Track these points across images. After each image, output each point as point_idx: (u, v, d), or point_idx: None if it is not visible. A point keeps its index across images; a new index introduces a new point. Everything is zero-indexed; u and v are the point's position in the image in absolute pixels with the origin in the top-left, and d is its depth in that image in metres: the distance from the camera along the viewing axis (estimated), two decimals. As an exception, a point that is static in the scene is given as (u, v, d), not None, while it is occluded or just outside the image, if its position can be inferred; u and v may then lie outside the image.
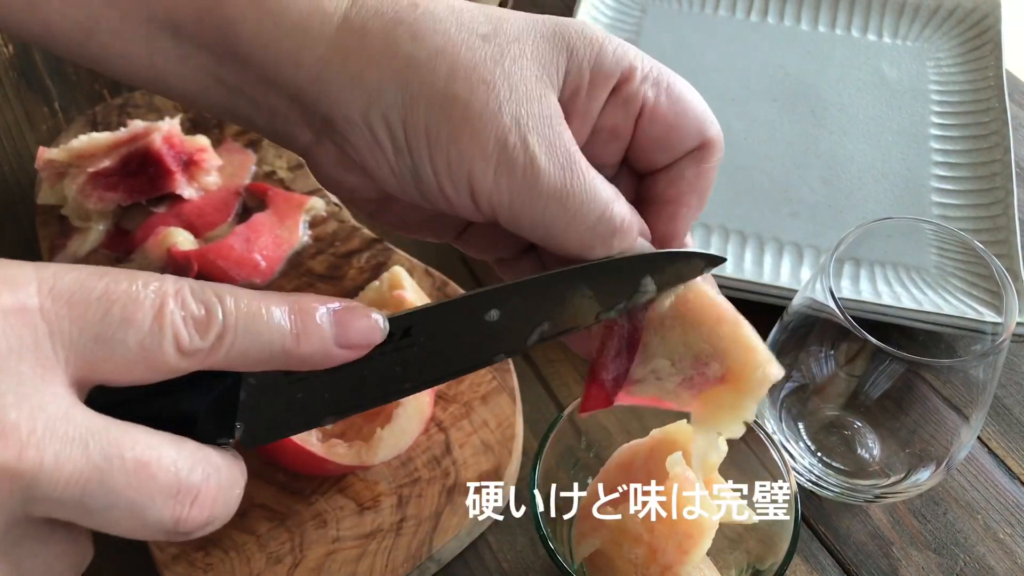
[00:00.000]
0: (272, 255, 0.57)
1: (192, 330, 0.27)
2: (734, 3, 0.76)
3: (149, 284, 0.27)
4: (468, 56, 0.32)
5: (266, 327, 0.28)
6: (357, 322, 0.30)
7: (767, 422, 0.50)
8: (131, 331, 0.26)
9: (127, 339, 0.26)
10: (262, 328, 0.28)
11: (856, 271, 0.58)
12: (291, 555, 0.45)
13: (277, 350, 0.28)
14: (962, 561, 0.49)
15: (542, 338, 0.33)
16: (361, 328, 0.30)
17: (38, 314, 0.25)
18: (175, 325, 0.26)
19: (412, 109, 0.32)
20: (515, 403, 0.51)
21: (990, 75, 0.69)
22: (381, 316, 0.31)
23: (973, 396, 0.44)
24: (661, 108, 0.34)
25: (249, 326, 0.28)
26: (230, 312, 0.28)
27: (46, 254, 0.58)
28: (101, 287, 0.26)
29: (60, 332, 0.25)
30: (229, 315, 0.27)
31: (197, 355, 0.27)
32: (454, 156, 0.32)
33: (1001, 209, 0.60)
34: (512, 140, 0.32)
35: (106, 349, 0.26)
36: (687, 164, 0.36)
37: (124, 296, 0.26)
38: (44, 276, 0.26)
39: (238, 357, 0.28)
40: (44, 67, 0.72)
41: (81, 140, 0.59)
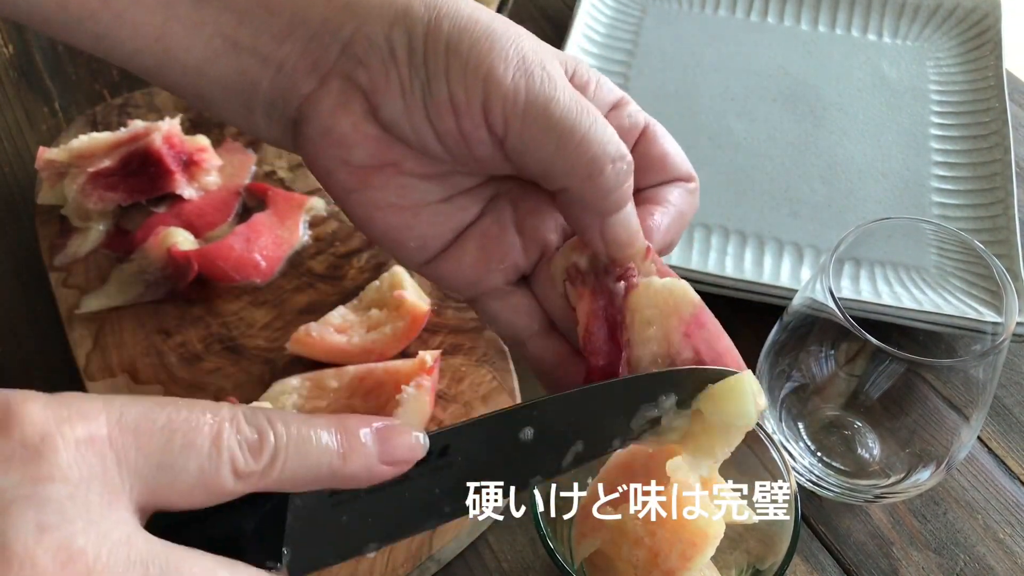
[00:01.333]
0: (272, 255, 0.57)
1: (247, 454, 0.28)
2: (734, 3, 0.76)
3: (207, 412, 0.28)
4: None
5: (315, 448, 0.30)
6: (399, 439, 0.32)
7: (767, 422, 0.50)
8: (191, 457, 0.27)
9: (188, 465, 0.27)
10: (311, 449, 0.30)
11: (856, 271, 0.58)
12: (291, 555, 0.45)
13: (325, 470, 0.30)
14: (962, 561, 0.49)
15: (576, 460, 0.34)
16: (403, 445, 0.32)
17: (107, 443, 0.27)
18: (231, 449, 0.28)
19: (436, 25, 0.33)
20: (515, 403, 0.51)
21: (990, 75, 0.69)
22: (421, 434, 0.32)
23: (973, 396, 0.44)
24: (660, 135, 0.37)
25: (299, 448, 0.29)
26: (281, 435, 0.29)
27: (46, 254, 0.58)
28: (164, 417, 0.28)
29: (127, 461, 0.27)
30: (280, 438, 0.29)
31: (251, 478, 0.29)
32: (473, 60, 0.33)
33: (1001, 209, 0.60)
34: (531, 56, 0.34)
35: (168, 475, 0.27)
36: (675, 186, 0.38)
37: (184, 424, 0.28)
38: (112, 408, 0.27)
39: (289, 478, 0.29)
40: (44, 67, 0.72)
41: (81, 140, 0.59)
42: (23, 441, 0.25)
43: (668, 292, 0.36)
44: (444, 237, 0.38)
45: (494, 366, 0.53)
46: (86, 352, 0.53)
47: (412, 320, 0.52)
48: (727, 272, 0.57)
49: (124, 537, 0.26)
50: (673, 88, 0.69)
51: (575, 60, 0.37)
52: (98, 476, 0.26)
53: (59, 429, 0.26)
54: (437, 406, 0.50)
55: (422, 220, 0.37)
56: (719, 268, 0.58)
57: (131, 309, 0.55)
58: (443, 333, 0.54)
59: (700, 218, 0.61)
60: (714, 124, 0.67)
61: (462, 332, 0.54)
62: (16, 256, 0.61)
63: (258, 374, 0.52)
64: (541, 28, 0.77)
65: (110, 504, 0.26)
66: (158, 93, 0.67)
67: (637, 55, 0.72)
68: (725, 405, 0.35)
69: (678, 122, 0.67)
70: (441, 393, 0.51)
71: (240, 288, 0.56)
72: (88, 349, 0.53)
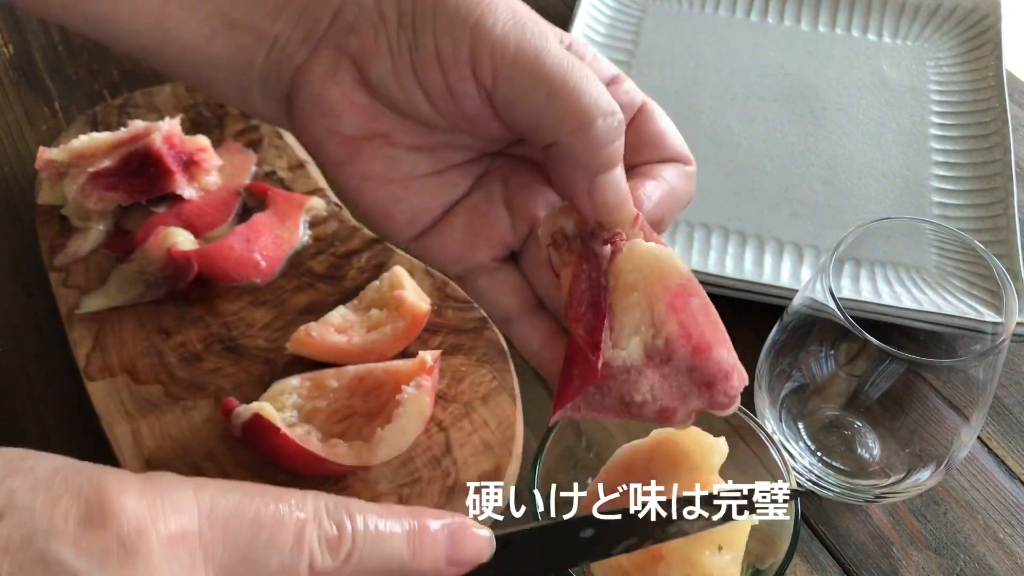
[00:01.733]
0: (272, 255, 0.57)
1: (326, 551, 0.29)
2: (734, 3, 0.76)
3: (294, 506, 0.29)
4: None
5: (389, 546, 0.31)
6: (469, 541, 0.33)
7: (767, 422, 0.50)
8: (274, 554, 0.28)
9: (270, 561, 0.28)
10: (385, 547, 0.31)
11: (856, 271, 0.58)
12: (291, 555, 0.45)
13: (396, 565, 0.31)
14: (962, 561, 0.49)
15: (627, 549, 0.36)
16: (471, 547, 0.33)
17: (196, 539, 0.27)
18: (312, 547, 0.29)
19: None
20: (515, 403, 0.51)
21: (990, 75, 0.69)
22: (490, 535, 0.33)
23: (973, 396, 0.45)
24: (657, 114, 0.37)
25: (375, 545, 0.30)
26: (359, 533, 0.30)
27: (46, 254, 0.58)
28: (252, 511, 0.28)
29: (213, 557, 0.28)
30: (358, 536, 0.30)
31: (326, 573, 0.29)
32: (461, 12, 0.33)
33: (1001, 209, 0.60)
34: (523, 11, 0.34)
35: (250, 569, 0.28)
36: (671, 165, 0.38)
37: (271, 520, 0.28)
38: (203, 500, 0.28)
39: (359, 572, 0.30)
40: (44, 67, 0.72)
41: (81, 140, 0.59)
42: (120, 537, 0.26)
43: (654, 257, 0.34)
44: (433, 212, 0.38)
45: (494, 366, 0.53)
46: (86, 352, 0.53)
47: (412, 320, 0.52)
48: (727, 272, 0.57)
49: None
50: (673, 88, 0.69)
51: (571, 36, 0.37)
52: (187, 571, 0.27)
53: (154, 525, 0.26)
54: (437, 406, 0.50)
55: (412, 193, 0.37)
56: (719, 268, 0.58)
57: (131, 309, 0.55)
58: (443, 333, 0.54)
59: (700, 218, 0.61)
60: (714, 124, 0.67)
61: (462, 332, 0.54)
62: (16, 256, 0.61)
63: (258, 374, 0.52)
64: (541, 28, 0.77)
65: None
66: (158, 93, 0.67)
67: (637, 55, 0.72)
68: None
69: (678, 122, 0.66)
70: (441, 393, 0.51)
71: (240, 288, 0.56)
72: (88, 349, 0.53)
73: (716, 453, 0.41)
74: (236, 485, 0.29)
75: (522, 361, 0.56)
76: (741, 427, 0.43)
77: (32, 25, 0.75)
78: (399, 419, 0.47)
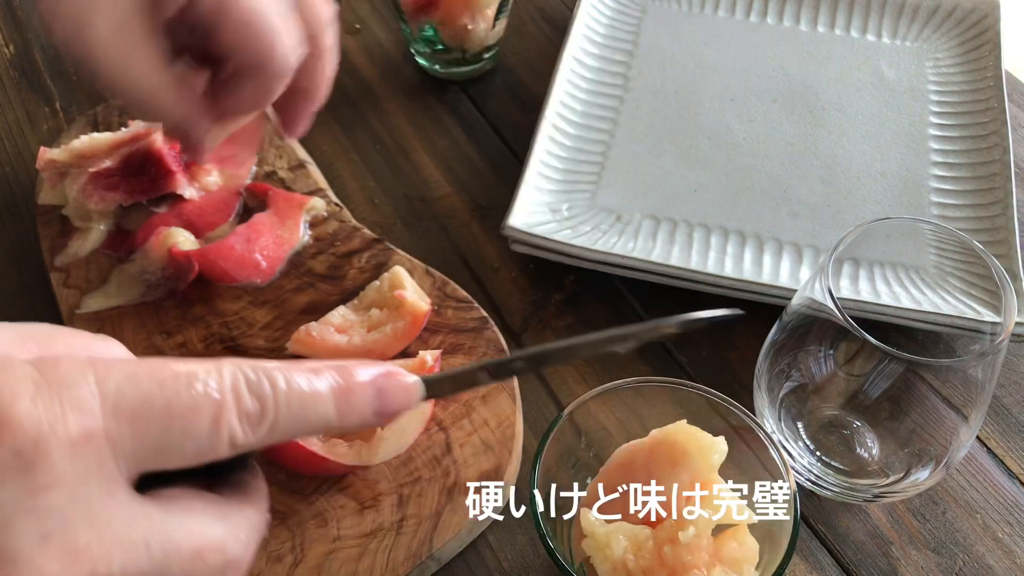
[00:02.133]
0: (273, 255, 0.57)
1: (247, 427, 0.28)
2: (734, 3, 0.76)
3: (209, 385, 0.28)
4: None
5: (314, 410, 0.30)
6: (397, 392, 0.32)
7: (766, 421, 0.50)
8: (189, 439, 0.27)
9: (185, 447, 0.27)
10: (311, 412, 0.30)
11: (855, 271, 0.58)
12: (292, 554, 0.46)
13: (320, 428, 0.30)
14: (961, 560, 0.49)
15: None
16: (400, 397, 0.32)
17: (103, 438, 0.26)
18: (231, 427, 0.28)
19: None
20: (515, 403, 0.51)
21: (989, 75, 0.69)
22: (420, 384, 0.33)
23: (972, 396, 0.45)
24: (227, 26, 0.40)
25: (300, 411, 0.29)
26: (282, 401, 0.29)
27: (47, 254, 0.58)
28: (163, 402, 0.27)
29: (123, 451, 0.26)
30: (282, 404, 0.29)
31: (247, 446, 0.29)
32: None
33: (1000, 209, 0.60)
34: None
35: (164, 456, 0.27)
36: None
37: (185, 409, 0.27)
38: (107, 394, 0.26)
39: (278, 439, 0.29)
40: (45, 67, 0.72)
41: (82, 140, 0.59)
42: (15, 450, 0.24)
43: None
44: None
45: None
46: (87, 352, 0.53)
47: (412, 320, 0.52)
48: (727, 272, 0.58)
49: (123, 519, 0.26)
50: (673, 88, 0.69)
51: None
52: (95, 471, 0.26)
53: (52, 430, 0.25)
54: (437, 405, 0.50)
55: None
56: (719, 268, 0.58)
57: (132, 309, 0.55)
58: (443, 333, 0.54)
59: (700, 218, 0.61)
60: (713, 124, 0.67)
61: (462, 332, 0.54)
62: (17, 256, 0.61)
63: (259, 374, 0.52)
64: (541, 28, 0.77)
65: (108, 492, 0.26)
66: (158, 93, 0.67)
67: (637, 55, 0.72)
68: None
69: (678, 122, 0.67)
70: (441, 393, 0.51)
71: (241, 288, 0.56)
72: (89, 349, 0.53)
73: (715, 452, 0.41)
74: (145, 370, 0.27)
75: (522, 361, 0.56)
76: (740, 427, 0.43)
77: (33, 25, 0.76)
78: (399, 419, 0.47)
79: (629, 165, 0.65)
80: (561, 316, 0.59)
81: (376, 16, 0.78)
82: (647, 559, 0.39)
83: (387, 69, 0.73)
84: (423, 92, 0.72)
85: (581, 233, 0.59)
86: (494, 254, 0.62)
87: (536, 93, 0.71)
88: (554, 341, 0.36)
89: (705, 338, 0.58)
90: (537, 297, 0.60)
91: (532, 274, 0.61)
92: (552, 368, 0.55)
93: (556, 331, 0.58)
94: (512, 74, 0.74)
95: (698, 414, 0.43)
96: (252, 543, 0.30)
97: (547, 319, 0.58)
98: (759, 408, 0.50)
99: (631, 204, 0.62)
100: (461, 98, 0.72)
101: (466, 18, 0.67)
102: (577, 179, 0.63)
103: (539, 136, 0.63)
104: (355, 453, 0.46)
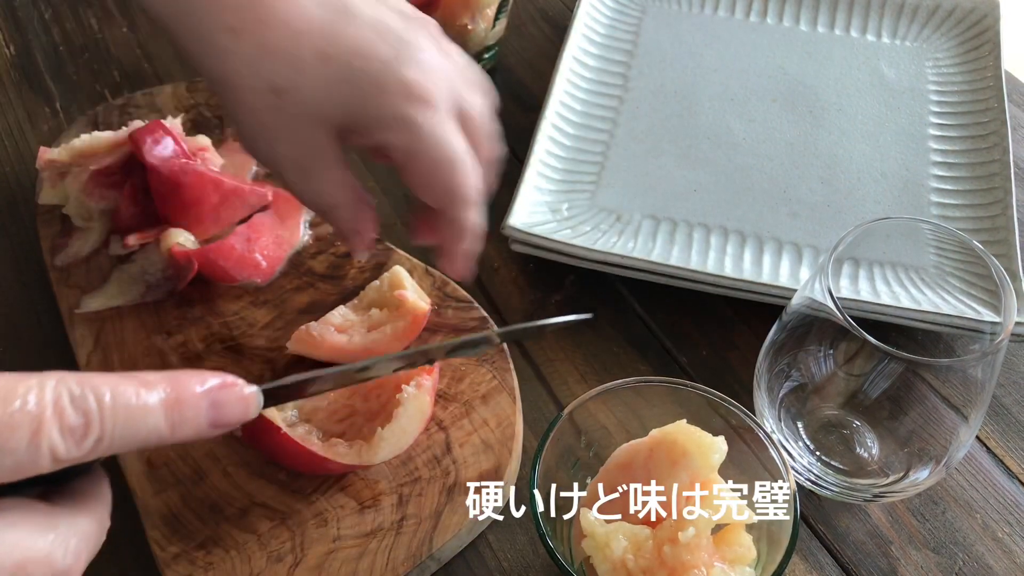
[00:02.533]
0: (273, 255, 0.57)
1: (69, 442, 0.28)
2: (734, 3, 0.76)
3: (27, 400, 0.27)
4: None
5: (144, 424, 0.29)
6: (233, 403, 0.32)
7: (766, 421, 0.50)
8: (7, 456, 0.27)
9: (3, 462, 0.27)
10: (140, 426, 0.29)
11: (855, 271, 0.58)
12: (292, 554, 0.46)
13: (153, 441, 0.30)
14: (960, 560, 0.49)
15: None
16: (237, 409, 0.32)
17: None
18: (52, 441, 0.27)
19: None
20: (515, 402, 0.51)
21: (989, 75, 0.69)
22: (256, 390, 0.33)
23: (972, 395, 0.45)
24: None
25: (128, 425, 0.29)
26: (108, 416, 0.28)
27: (47, 253, 0.58)
28: None
29: None
30: (108, 419, 0.28)
31: (71, 460, 0.28)
32: None
33: (1000, 209, 0.60)
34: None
35: None
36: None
37: (0, 425, 0.27)
38: None
39: (109, 452, 0.29)
40: (45, 68, 0.72)
41: (83, 139, 0.59)
42: None
43: None
44: None
45: (494, 365, 0.53)
46: (87, 352, 0.53)
47: (412, 320, 0.52)
48: (726, 272, 0.58)
49: None
50: (673, 88, 0.69)
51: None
52: None
53: None
54: (437, 405, 0.50)
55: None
56: (718, 268, 0.58)
57: (132, 309, 0.55)
58: (443, 333, 0.54)
59: (699, 218, 0.61)
60: (713, 124, 0.67)
61: (462, 332, 0.54)
62: (17, 256, 0.61)
63: (258, 374, 0.52)
64: (541, 28, 0.77)
65: None
66: (159, 94, 0.67)
67: (637, 55, 0.72)
68: None
69: (678, 122, 0.67)
70: (441, 392, 0.51)
71: (241, 288, 0.56)
72: (89, 349, 0.53)
73: (715, 452, 0.41)
74: None
75: (522, 361, 0.56)
76: (740, 427, 0.43)
77: (33, 25, 0.76)
78: (399, 419, 0.47)
79: (629, 165, 0.65)
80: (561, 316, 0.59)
81: (376, 16, 0.78)
82: (647, 559, 0.39)
83: (387, 69, 0.73)
84: (423, 92, 0.72)
85: (581, 233, 0.59)
86: (494, 254, 0.62)
87: (536, 93, 0.71)
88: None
89: (705, 338, 0.58)
90: (537, 297, 0.60)
91: (532, 274, 0.61)
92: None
93: (556, 331, 0.58)
94: (512, 74, 0.74)
95: (698, 414, 0.43)
96: (84, 552, 0.30)
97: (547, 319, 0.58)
98: (759, 408, 0.50)
99: (631, 204, 0.62)
100: (461, 98, 0.72)
101: (466, 18, 0.67)
102: (577, 179, 0.63)
103: (539, 136, 0.64)
104: (355, 453, 0.46)
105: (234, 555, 0.45)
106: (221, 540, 0.46)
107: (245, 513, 0.47)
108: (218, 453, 0.49)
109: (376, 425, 0.47)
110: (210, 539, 0.46)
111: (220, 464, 0.49)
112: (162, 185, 0.55)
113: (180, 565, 0.45)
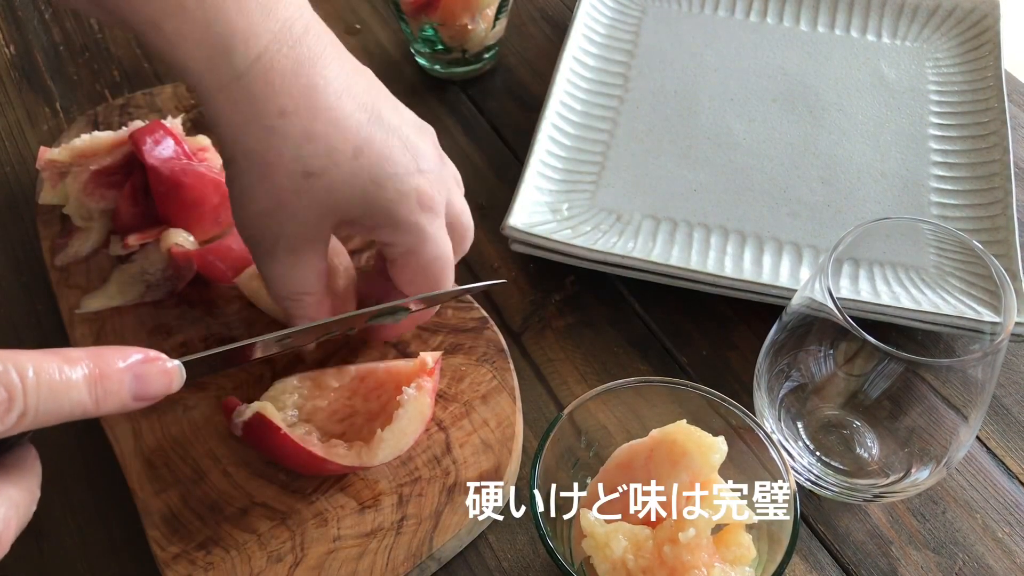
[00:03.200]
0: (273, 255, 0.57)
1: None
2: (734, 3, 0.76)
3: None
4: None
5: (67, 398, 0.30)
6: (156, 377, 0.33)
7: (766, 421, 0.50)
8: None
9: None
10: (63, 400, 0.30)
11: (855, 271, 0.58)
12: (292, 554, 0.46)
13: (77, 415, 0.31)
14: (961, 560, 0.49)
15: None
16: (159, 383, 0.34)
17: None
18: None
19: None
20: (515, 402, 0.51)
21: (989, 75, 0.69)
22: (178, 364, 0.35)
23: (972, 396, 0.45)
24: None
25: (52, 399, 0.30)
26: (32, 390, 0.29)
27: (47, 253, 0.58)
28: None
29: None
30: (31, 393, 0.29)
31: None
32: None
33: (1000, 209, 0.60)
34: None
35: None
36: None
37: None
38: None
39: (34, 425, 0.30)
40: (46, 68, 0.72)
41: (83, 139, 0.59)
42: None
43: None
44: None
45: (494, 365, 0.53)
46: (87, 352, 0.53)
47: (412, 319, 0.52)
48: (726, 272, 0.58)
49: None
50: (673, 88, 0.69)
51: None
52: None
53: None
54: (437, 405, 0.50)
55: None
56: (718, 268, 0.58)
57: (132, 309, 0.55)
58: (443, 333, 0.54)
59: (699, 218, 0.61)
60: (713, 124, 0.67)
61: (462, 332, 0.54)
62: (17, 256, 0.61)
63: (258, 373, 0.52)
64: (541, 28, 0.77)
65: None
66: (159, 93, 0.67)
67: (637, 55, 0.72)
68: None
69: (678, 122, 0.67)
70: (441, 392, 0.51)
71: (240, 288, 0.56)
72: (89, 349, 0.53)
73: (715, 452, 0.41)
74: None
75: (522, 361, 0.56)
76: (740, 427, 0.43)
77: (33, 25, 0.76)
78: (399, 420, 0.47)
79: (629, 165, 0.65)
80: (561, 316, 0.59)
81: (376, 16, 0.78)
82: (647, 559, 0.39)
83: (387, 69, 0.74)
84: (423, 92, 0.72)
85: (581, 233, 0.59)
86: (494, 254, 0.62)
87: (536, 93, 0.71)
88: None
89: (705, 338, 0.58)
90: (537, 297, 0.60)
91: (532, 274, 0.61)
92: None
93: (556, 331, 0.58)
94: (512, 74, 0.74)
95: (698, 414, 0.44)
96: (13, 520, 0.30)
97: (547, 319, 0.58)
98: (759, 408, 0.50)
99: (631, 204, 0.62)
100: (461, 98, 0.72)
101: (466, 18, 0.67)
102: (577, 179, 0.64)
103: (539, 136, 0.64)
104: (355, 454, 0.46)
105: (234, 555, 0.45)
106: (221, 540, 0.46)
107: (245, 513, 0.47)
108: (218, 453, 0.49)
109: (376, 426, 0.47)
110: (210, 539, 0.46)
111: (220, 464, 0.49)
112: (162, 185, 0.55)
113: (180, 565, 0.45)
